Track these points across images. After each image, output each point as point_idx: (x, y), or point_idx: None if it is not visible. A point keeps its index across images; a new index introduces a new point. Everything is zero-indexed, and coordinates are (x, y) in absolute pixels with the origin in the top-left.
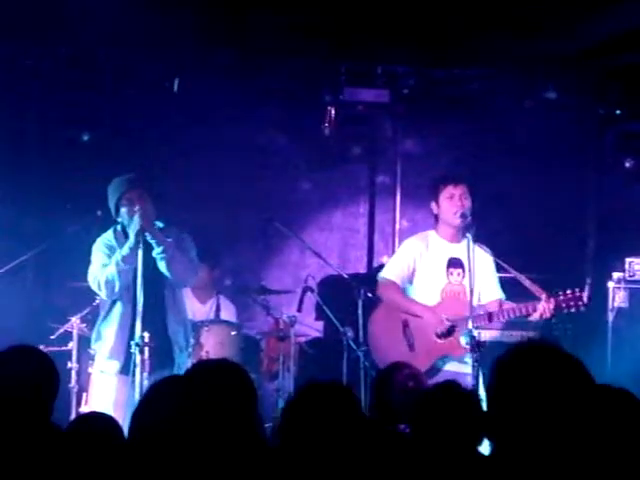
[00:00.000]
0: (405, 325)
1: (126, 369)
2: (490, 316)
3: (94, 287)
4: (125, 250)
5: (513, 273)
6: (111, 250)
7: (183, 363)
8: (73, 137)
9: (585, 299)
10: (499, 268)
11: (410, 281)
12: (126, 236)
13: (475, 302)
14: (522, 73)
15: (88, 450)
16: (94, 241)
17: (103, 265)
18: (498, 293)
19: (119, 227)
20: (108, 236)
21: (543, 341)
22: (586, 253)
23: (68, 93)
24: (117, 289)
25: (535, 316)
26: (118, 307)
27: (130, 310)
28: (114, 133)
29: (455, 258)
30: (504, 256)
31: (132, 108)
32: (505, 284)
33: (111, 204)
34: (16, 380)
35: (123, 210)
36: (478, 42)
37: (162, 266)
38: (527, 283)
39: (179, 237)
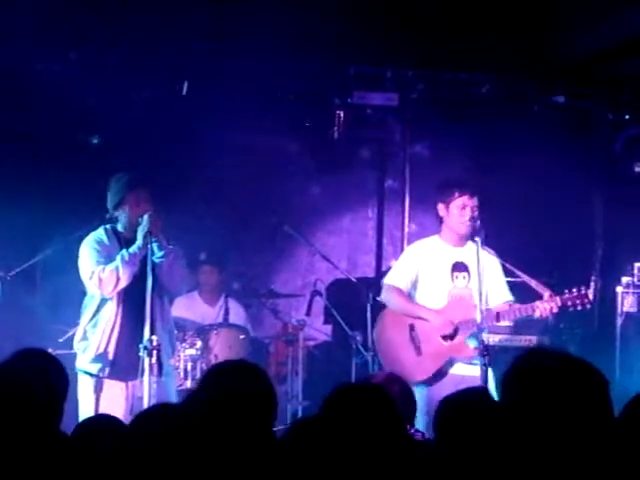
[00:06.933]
0: (411, 329)
1: (113, 373)
2: (498, 316)
3: (91, 282)
4: (133, 249)
5: (519, 274)
6: (103, 247)
7: (170, 368)
8: (83, 140)
9: (590, 297)
10: (506, 271)
11: (415, 286)
12: (117, 235)
13: (483, 305)
14: (531, 77)
15: (96, 453)
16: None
17: (97, 262)
18: (507, 295)
19: (109, 226)
20: (99, 234)
21: (551, 347)
22: (595, 257)
23: (78, 96)
24: (120, 287)
25: (538, 314)
26: (107, 308)
27: (121, 312)
28: (124, 136)
29: (460, 262)
30: (512, 260)
31: (142, 111)
32: (513, 288)
33: (115, 197)
34: (26, 383)
35: (127, 207)
36: (488, 46)
37: (160, 271)
38: (533, 283)
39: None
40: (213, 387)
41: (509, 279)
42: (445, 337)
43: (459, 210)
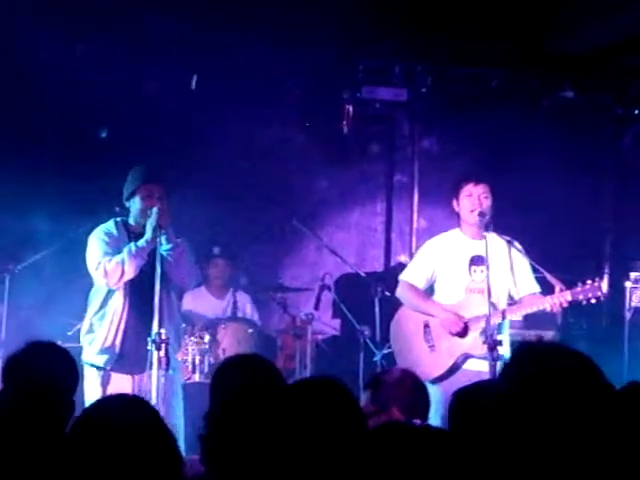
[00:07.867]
0: (426, 326)
1: (120, 366)
2: (503, 313)
3: (97, 273)
4: (141, 242)
5: (534, 265)
6: (111, 239)
7: (175, 363)
8: (90, 134)
9: (604, 289)
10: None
11: (433, 282)
12: (127, 229)
13: (504, 299)
14: (540, 72)
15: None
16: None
17: (105, 253)
18: (533, 287)
19: (119, 219)
20: (109, 226)
21: (547, 342)
22: (604, 253)
23: (85, 89)
24: (125, 279)
25: (548, 308)
26: (114, 301)
27: (127, 305)
28: (132, 130)
29: (477, 256)
30: None
31: (150, 105)
32: None
33: (129, 188)
34: (36, 376)
35: (137, 199)
36: (496, 40)
37: (167, 265)
38: (547, 275)
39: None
40: (223, 382)
41: None
42: (455, 334)
43: (467, 199)
